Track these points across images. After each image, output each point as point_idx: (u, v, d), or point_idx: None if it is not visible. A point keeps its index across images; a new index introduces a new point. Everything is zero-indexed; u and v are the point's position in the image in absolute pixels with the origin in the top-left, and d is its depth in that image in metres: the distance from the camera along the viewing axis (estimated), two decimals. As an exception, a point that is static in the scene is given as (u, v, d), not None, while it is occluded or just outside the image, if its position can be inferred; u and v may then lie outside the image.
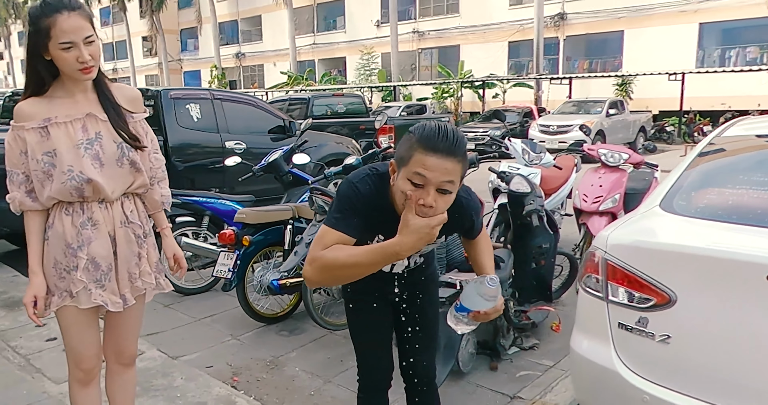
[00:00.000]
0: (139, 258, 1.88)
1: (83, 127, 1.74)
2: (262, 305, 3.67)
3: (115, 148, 1.78)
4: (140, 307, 1.99)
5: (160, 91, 5.78)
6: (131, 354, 2.04)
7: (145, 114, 1.91)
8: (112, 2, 35.20)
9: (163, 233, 2.06)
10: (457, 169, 1.42)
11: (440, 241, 1.71)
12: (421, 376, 1.97)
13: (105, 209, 1.81)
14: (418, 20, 27.18)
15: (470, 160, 3.77)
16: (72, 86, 1.76)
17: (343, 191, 1.55)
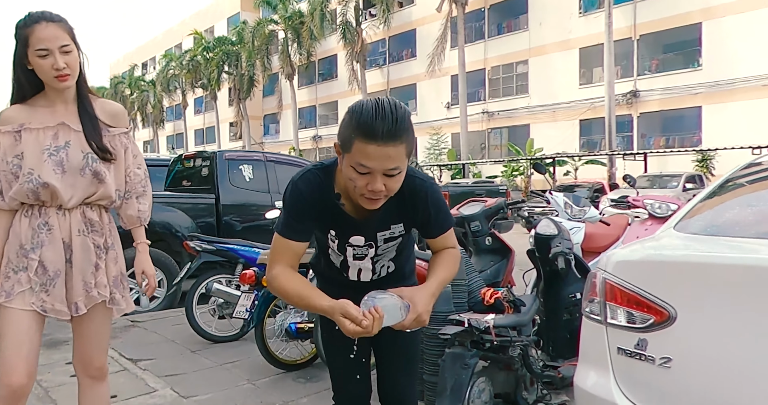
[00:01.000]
0: (96, 268, 1.87)
1: (54, 134, 1.81)
2: (282, 351, 3.57)
3: (81, 158, 1.82)
4: (103, 319, 1.95)
5: (215, 153, 6.15)
6: (98, 366, 1.98)
7: (124, 129, 1.96)
8: (205, 93, 38.69)
9: (138, 248, 2.05)
10: (401, 152, 1.35)
11: (399, 230, 1.60)
12: (399, 401, 1.81)
13: (62, 216, 1.83)
14: (488, 101, 27.78)
15: (498, 206, 3.66)
16: (54, 96, 1.84)
17: (287, 194, 1.52)
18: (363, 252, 1.60)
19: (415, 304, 1.43)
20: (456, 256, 1.67)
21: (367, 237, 1.57)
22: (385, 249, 1.63)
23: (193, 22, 42.29)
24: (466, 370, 2.46)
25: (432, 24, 27.43)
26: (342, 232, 1.57)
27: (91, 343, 1.94)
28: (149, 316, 5.12)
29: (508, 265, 3.57)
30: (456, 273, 1.68)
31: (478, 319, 2.54)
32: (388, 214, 1.55)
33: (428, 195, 1.57)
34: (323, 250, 1.68)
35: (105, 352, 2.01)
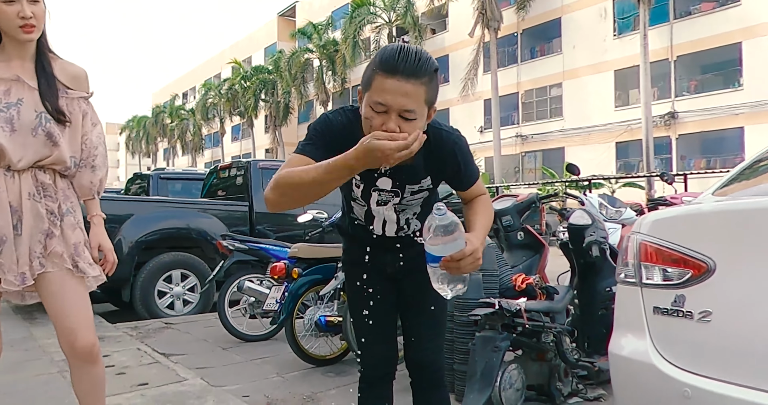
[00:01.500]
0: (47, 236, 1.72)
1: (7, 90, 1.68)
2: (312, 345, 3.55)
3: (33, 117, 1.69)
4: (76, 290, 1.77)
5: (249, 162, 6.27)
6: (85, 344, 1.77)
7: (84, 93, 1.83)
8: (242, 120, 39.68)
9: (92, 221, 1.88)
10: (420, 92, 1.33)
11: (426, 183, 1.59)
12: (426, 368, 1.76)
13: (10, 178, 1.69)
14: (521, 125, 27.66)
15: (530, 200, 3.61)
16: (11, 50, 1.71)
17: (315, 122, 1.51)
18: (387, 197, 1.58)
19: (471, 240, 1.36)
20: (489, 202, 1.66)
21: (394, 182, 1.55)
22: (411, 200, 1.60)
23: (232, 52, 43.70)
24: (497, 354, 2.41)
25: (465, 49, 27.66)
26: (367, 173, 1.52)
27: (70, 318, 1.75)
28: (182, 319, 5.17)
29: (541, 261, 3.49)
30: (492, 218, 1.65)
31: (509, 302, 2.48)
32: (417, 165, 1.54)
33: (456, 146, 1.55)
34: (347, 202, 1.68)
35: (89, 327, 1.80)
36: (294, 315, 3.46)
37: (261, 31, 43.32)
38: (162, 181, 7.80)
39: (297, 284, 3.46)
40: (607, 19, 24.01)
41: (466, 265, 1.34)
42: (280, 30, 40.62)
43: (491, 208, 1.67)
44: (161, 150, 52.45)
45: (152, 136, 50.63)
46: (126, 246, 5.23)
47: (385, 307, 1.75)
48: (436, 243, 1.33)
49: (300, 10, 38.37)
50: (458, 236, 1.32)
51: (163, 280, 5.39)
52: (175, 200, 6.26)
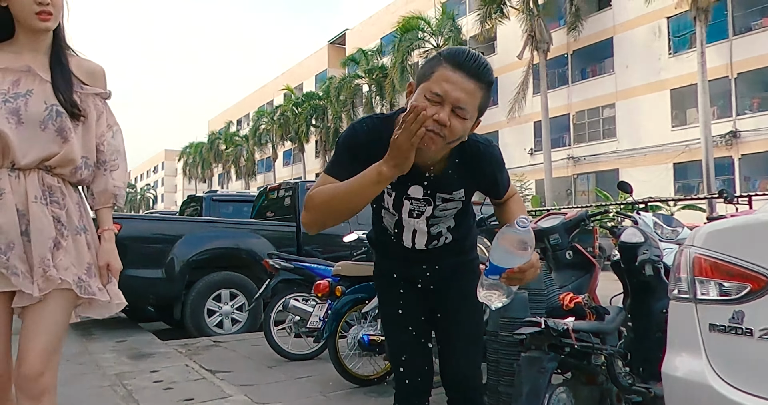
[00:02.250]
0: (55, 246, 1.54)
1: (16, 81, 1.53)
2: (355, 365, 3.52)
3: (43, 109, 1.53)
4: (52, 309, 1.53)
5: (298, 183, 6.38)
6: (32, 368, 1.48)
7: (100, 90, 1.68)
8: (293, 145, 40.60)
9: (103, 236, 1.66)
10: (478, 95, 1.35)
11: (458, 195, 1.56)
12: (462, 385, 1.71)
13: (15, 178, 1.51)
14: (573, 147, 27.13)
15: (579, 217, 3.50)
16: (24, 41, 1.58)
17: (343, 135, 1.51)
18: (420, 208, 1.56)
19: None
20: (520, 199, 1.68)
21: (425, 189, 1.53)
22: (443, 210, 1.57)
23: (284, 80, 45.00)
24: (544, 375, 2.30)
25: (513, 72, 27.54)
26: (400, 181, 1.48)
27: (29, 338, 1.50)
28: (230, 337, 5.24)
29: (592, 281, 3.36)
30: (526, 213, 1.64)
31: (555, 321, 2.39)
32: (450, 177, 1.52)
33: (493, 158, 1.55)
34: (377, 213, 1.66)
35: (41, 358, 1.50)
36: (337, 334, 3.45)
37: (312, 58, 44.53)
38: (214, 203, 8.04)
39: (340, 302, 3.45)
40: (662, 38, 23.44)
41: (530, 276, 1.36)
42: (331, 57, 41.64)
43: (523, 205, 1.67)
44: (216, 175, 54.19)
45: (208, 161, 52.43)
46: (178, 265, 5.38)
47: (417, 322, 1.72)
48: (506, 257, 1.33)
49: (350, 38, 39.27)
50: (532, 248, 1.33)
51: (213, 299, 5.49)
52: (224, 221, 6.42)
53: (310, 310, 3.95)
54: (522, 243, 1.32)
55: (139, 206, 74.52)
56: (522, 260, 1.33)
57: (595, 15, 25.65)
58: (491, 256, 1.39)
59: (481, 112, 1.40)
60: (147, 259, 5.30)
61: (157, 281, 5.31)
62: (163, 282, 5.33)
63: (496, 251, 1.36)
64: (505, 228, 1.36)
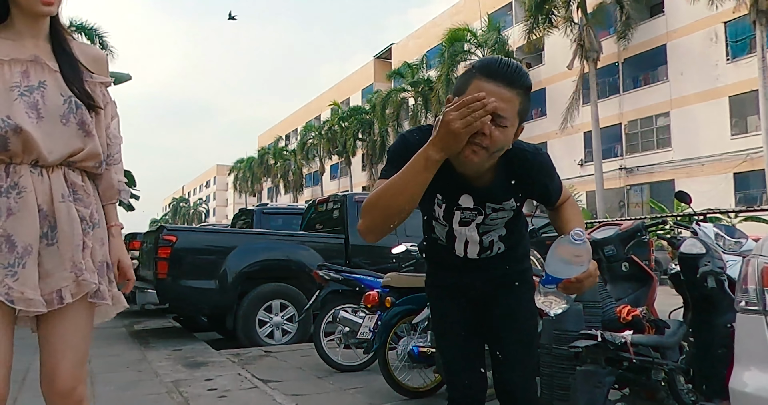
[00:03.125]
0: (84, 246, 1.45)
1: (25, 72, 1.41)
2: (405, 377, 3.50)
3: (61, 102, 1.42)
4: (78, 320, 1.46)
5: (346, 195, 6.45)
6: (62, 390, 1.43)
7: (107, 78, 1.57)
8: (340, 159, 41.12)
9: (111, 232, 1.58)
10: (515, 101, 1.34)
11: (508, 205, 1.55)
12: (515, 396, 1.67)
13: (38, 176, 1.40)
14: (625, 157, 26.38)
15: (635, 228, 3.40)
16: (22, 27, 1.44)
17: (394, 144, 1.52)
18: (470, 216, 1.55)
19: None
20: (575, 203, 1.66)
21: (476, 198, 1.53)
22: (494, 219, 1.57)
23: (331, 95, 45.72)
24: (601, 390, 2.24)
25: (562, 82, 27.12)
26: (449, 191, 1.51)
27: (56, 357, 1.43)
28: (281, 348, 5.32)
29: (650, 294, 3.24)
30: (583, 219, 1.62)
31: (613, 334, 2.32)
32: (500, 187, 1.52)
33: (541, 166, 1.54)
34: (428, 223, 1.66)
35: (74, 370, 1.45)
36: (387, 345, 3.44)
37: (358, 73, 45.14)
38: (264, 216, 8.20)
39: (390, 313, 3.45)
40: (719, 43, 22.62)
41: (588, 285, 1.35)
42: (377, 72, 42.07)
43: (579, 209, 1.65)
44: (265, 189, 55.36)
45: (257, 176, 53.68)
46: (230, 276, 5.51)
47: (470, 331, 1.70)
48: (562, 268, 1.33)
49: (396, 52, 39.63)
50: (589, 259, 1.33)
51: (264, 310, 5.59)
52: (275, 233, 6.54)
53: (359, 321, 3.97)
54: (577, 255, 1.32)
55: (191, 220, 76.81)
56: (578, 270, 1.33)
57: (647, 22, 25.01)
58: (547, 266, 1.38)
59: (521, 118, 1.38)
60: (201, 271, 5.45)
61: (211, 292, 5.45)
62: (217, 293, 5.46)
63: (551, 262, 1.37)
64: (560, 239, 1.36)
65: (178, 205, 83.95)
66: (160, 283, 5.30)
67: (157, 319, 7.42)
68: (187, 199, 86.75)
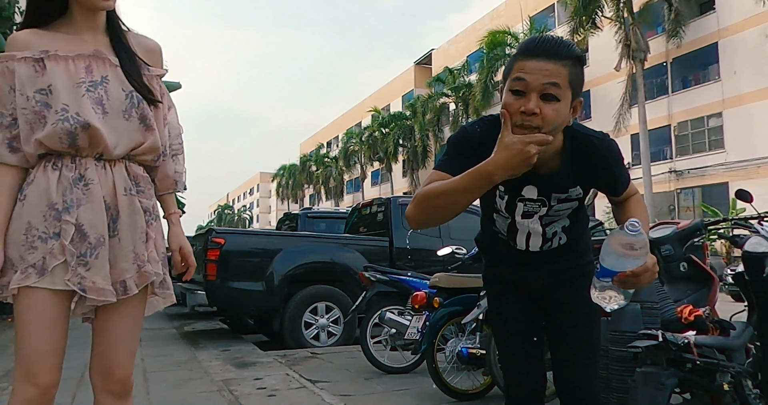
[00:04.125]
0: (147, 238, 1.48)
1: (88, 67, 1.42)
2: (453, 379, 3.46)
3: (123, 97, 1.44)
4: (136, 314, 1.51)
5: (390, 199, 6.46)
6: (121, 378, 1.49)
7: (162, 70, 1.58)
8: (381, 165, 41.27)
9: (170, 220, 1.62)
10: (562, 73, 1.30)
11: (575, 193, 1.50)
12: (577, 397, 1.61)
13: (102, 169, 1.43)
14: (675, 159, 25.52)
15: (694, 226, 3.27)
16: (81, 21, 1.45)
17: (453, 135, 1.50)
18: (534, 208, 1.52)
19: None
20: (641, 200, 1.59)
21: (540, 189, 1.49)
22: (558, 210, 1.52)
23: (372, 101, 45.95)
24: (662, 392, 2.14)
25: (606, 84, 26.51)
26: (512, 183, 1.46)
27: (116, 347, 1.48)
28: (326, 349, 5.34)
29: (710, 295, 3.10)
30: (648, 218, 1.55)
31: (674, 334, 2.22)
32: (565, 174, 1.47)
33: (609, 153, 1.48)
34: (488, 216, 1.63)
35: (131, 359, 1.53)
36: (435, 346, 3.41)
37: (399, 79, 45.26)
38: (309, 220, 8.29)
39: (438, 314, 3.42)
40: (774, 40, 21.71)
41: (646, 280, 1.30)
42: (417, 77, 42.11)
43: (645, 206, 1.58)
44: (307, 196, 56.02)
45: (300, 182, 54.40)
46: (277, 278, 5.57)
47: (529, 328, 1.66)
48: (618, 261, 1.29)
49: (436, 57, 39.55)
50: (645, 252, 1.28)
51: (309, 312, 5.63)
52: (320, 235, 6.59)
53: (405, 323, 3.94)
54: (633, 247, 1.27)
55: (235, 226, 78.45)
56: (635, 263, 1.27)
57: (697, 20, 24.22)
58: (602, 258, 1.34)
59: (574, 90, 1.34)
60: (248, 273, 5.54)
61: (258, 294, 5.53)
62: (264, 294, 5.54)
63: (606, 254, 1.32)
64: (616, 230, 1.32)
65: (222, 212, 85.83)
66: (210, 284, 5.41)
67: (205, 321, 7.58)
68: (231, 206, 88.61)
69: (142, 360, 4.53)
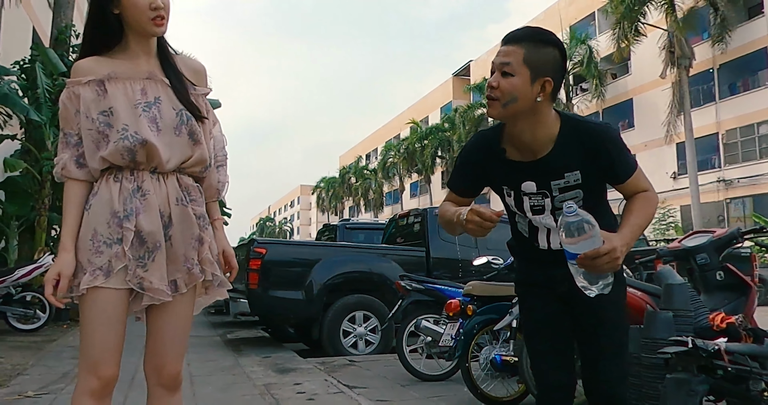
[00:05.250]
0: (200, 242, 1.62)
1: (143, 89, 1.59)
2: (487, 386, 3.50)
3: (174, 115, 1.59)
4: (186, 312, 1.65)
5: (426, 209, 6.55)
6: (172, 372, 1.64)
7: (206, 89, 1.73)
8: (420, 177, 41.35)
9: (215, 226, 1.75)
10: (517, 52, 1.51)
11: (573, 178, 1.58)
12: (604, 400, 1.66)
13: (156, 181, 1.58)
14: (724, 168, 24.71)
15: (731, 235, 3.25)
16: (136, 47, 1.61)
17: (460, 151, 1.70)
18: (539, 201, 1.61)
19: (610, 239, 1.42)
20: (650, 199, 1.60)
21: (538, 183, 1.59)
22: (563, 200, 1.58)
23: (410, 114, 46.22)
24: (693, 398, 2.15)
25: (651, 92, 25.99)
26: (512, 180, 1.62)
27: (168, 344, 1.63)
28: (364, 357, 5.45)
29: (748, 304, 3.07)
30: (652, 218, 1.58)
31: (705, 341, 2.23)
32: (558, 158, 1.56)
33: (606, 137, 1.57)
34: (511, 217, 1.74)
35: (181, 357, 1.68)
36: (469, 353, 3.46)
37: (437, 91, 45.40)
38: (347, 231, 8.46)
39: (472, 322, 3.48)
40: (828, 43, 20.91)
41: (602, 264, 1.39)
42: (455, 89, 42.15)
43: (651, 206, 1.60)
44: (347, 208, 56.52)
45: (339, 195, 54.96)
46: (316, 287, 5.72)
47: (560, 329, 1.71)
48: (570, 241, 1.41)
49: (474, 68, 39.55)
50: (592, 235, 1.38)
51: (348, 320, 5.75)
52: (358, 246, 6.72)
53: (441, 331, 4.01)
54: (573, 227, 1.38)
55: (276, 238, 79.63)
56: (586, 245, 1.38)
57: (745, 24, 23.54)
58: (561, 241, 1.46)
59: (533, 67, 1.50)
60: (289, 282, 5.71)
61: (298, 302, 5.69)
62: (303, 303, 5.69)
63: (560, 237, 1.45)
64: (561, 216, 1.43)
65: (264, 224, 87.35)
66: (251, 293, 5.60)
67: (247, 330, 7.79)
68: (272, 219, 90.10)
69: (188, 365, 4.73)
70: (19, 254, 8.61)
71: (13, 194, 8.88)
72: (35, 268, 6.89)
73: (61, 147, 1.61)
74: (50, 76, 8.32)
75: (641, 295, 3.06)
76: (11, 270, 6.98)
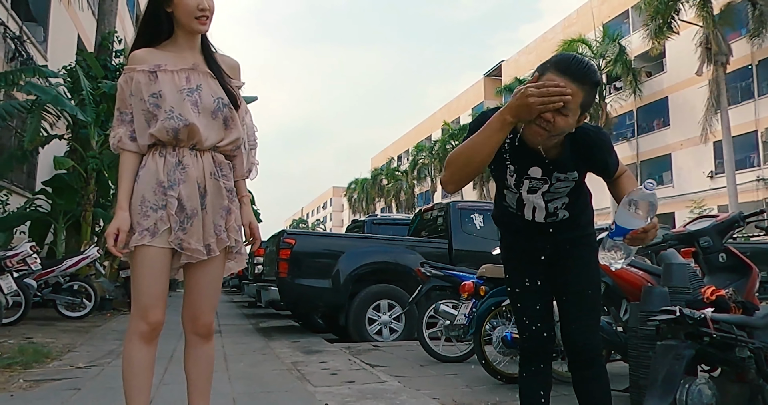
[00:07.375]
0: (228, 212, 1.89)
1: (187, 78, 1.84)
2: (500, 363, 3.70)
3: (212, 101, 1.85)
4: (218, 272, 1.93)
5: (449, 203, 6.75)
6: (206, 323, 1.94)
7: (240, 82, 2.00)
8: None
9: (242, 201, 1.99)
10: (579, 95, 1.56)
11: (572, 176, 1.78)
12: (578, 348, 1.88)
13: (194, 156, 1.84)
14: (763, 167, 24.08)
15: (732, 219, 3.38)
16: (183, 41, 1.88)
17: (473, 119, 1.82)
18: (537, 185, 1.81)
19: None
20: (630, 174, 1.87)
21: (544, 170, 1.78)
22: (558, 188, 1.80)
23: (442, 115, 46.32)
24: (679, 362, 2.33)
25: (686, 90, 25.51)
26: (522, 163, 1.77)
27: (202, 298, 1.92)
28: (388, 343, 5.69)
29: (748, 284, 3.19)
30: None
31: (692, 310, 2.40)
32: (566, 160, 1.77)
33: (602, 143, 1.78)
34: (500, 192, 1.94)
35: (213, 309, 1.98)
36: (482, 332, 3.67)
37: (469, 92, 45.33)
38: (374, 226, 8.73)
39: (485, 302, 3.68)
40: None
41: (651, 237, 1.60)
42: (487, 90, 42.04)
43: (635, 180, 1.85)
44: (378, 209, 56.88)
45: (371, 196, 55.38)
46: (342, 277, 5.99)
47: (540, 289, 1.93)
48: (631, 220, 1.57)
49: (506, 69, 39.40)
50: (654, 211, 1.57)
51: (373, 309, 6.00)
52: (383, 237, 6.97)
53: (454, 312, 4.23)
54: (647, 205, 1.55)
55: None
56: (645, 222, 1.56)
57: (785, 19, 22.88)
58: (617, 218, 1.63)
59: (583, 109, 1.62)
60: (317, 271, 5.99)
61: (325, 291, 5.96)
62: (331, 291, 5.97)
63: (621, 214, 1.61)
64: (632, 192, 1.60)
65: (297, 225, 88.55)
66: (281, 281, 5.90)
67: (279, 320, 8.13)
68: (305, 220, 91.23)
69: (222, 346, 5.05)
70: (66, 247, 9.15)
71: (61, 191, 9.47)
72: (81, 258, 7.37)
73: (116, 124, 1.88)
74: (93, 80, 8.83)
75: (642, 275, 3.23)
76: (60, 261, 7.47)
